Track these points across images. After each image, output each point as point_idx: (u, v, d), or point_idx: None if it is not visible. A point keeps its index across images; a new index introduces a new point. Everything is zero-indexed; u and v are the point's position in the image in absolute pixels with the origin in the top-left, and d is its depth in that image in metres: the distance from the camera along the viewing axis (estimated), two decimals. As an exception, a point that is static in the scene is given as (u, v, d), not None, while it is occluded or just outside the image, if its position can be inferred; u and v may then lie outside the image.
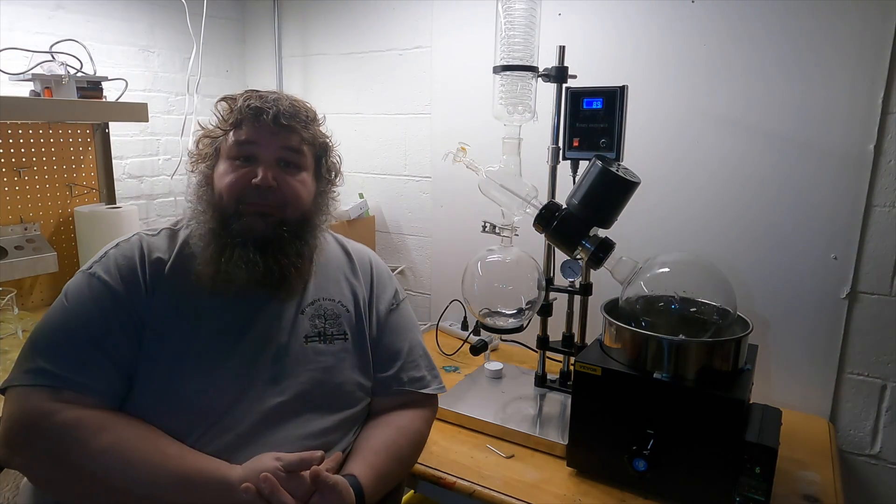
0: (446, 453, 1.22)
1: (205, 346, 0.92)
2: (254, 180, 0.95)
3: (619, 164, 1.20)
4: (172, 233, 1.02)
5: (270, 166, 0.96)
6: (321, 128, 1.05)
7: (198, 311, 0.94)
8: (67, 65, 1.57)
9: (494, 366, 1.54)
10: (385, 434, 1.02)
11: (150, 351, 0.90)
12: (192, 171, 1.02)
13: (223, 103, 1.00)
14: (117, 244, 0.97)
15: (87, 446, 0.81)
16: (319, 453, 0.87)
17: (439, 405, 1.33)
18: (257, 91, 0.99)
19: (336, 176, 1.08)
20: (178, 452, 0.84)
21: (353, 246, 1.16)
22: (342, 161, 1.10)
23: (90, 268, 0.94)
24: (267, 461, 0.84)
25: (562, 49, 1.29)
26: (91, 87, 1.61)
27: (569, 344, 1.40)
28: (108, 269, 0.93)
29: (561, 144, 1.31)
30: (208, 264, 0.94)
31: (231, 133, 0.97)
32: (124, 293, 0.91)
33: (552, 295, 1.39)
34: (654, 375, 1.05)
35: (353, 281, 1.09)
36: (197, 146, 1.01)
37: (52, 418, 0.82)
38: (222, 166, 0.97)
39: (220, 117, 0.99)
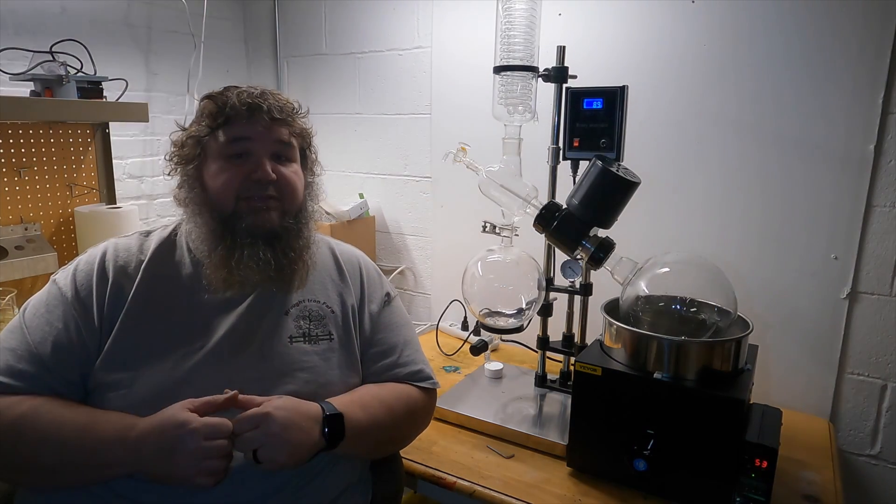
0: (446, 453, 1.22)
1: (181, 345, 0.92)
2: (253, 174, 0.95)
3: (619, 164, 1.20)
4: (146, 234, 1.02)
5: (267, 159, 0.96)
6: (304, 119, 1.05)
7: (175, 311, 0.94)
8: (67, 65, 1.57)
9: (494, 366, 1.54)
10: (371, 387, 1.03)
11: (118, 354, 0.89)
12: (171, 174, 1.00)
13: (209, 102, 0.98)
14: (87, 252, 0.98)
15: (6, 419, 0.82)
16: (233, 393, 0.85)
17: (440, 405, 1.34)
18: (238, 87, 0.98)
19: (315, 165, 1.09)
20: (89, 409, 0.86)
21: (341, 248, 1.16)
22: (318, 153, 1.11)
23: (55, 274, 0.96)
24: (178, 410, 0.82)
25: (562, 49, 1.29)
26: (91, 87, 1.61)
27: (569, 344, 1.40)
28: (67, 277, 0.94)
29: (561, 144, 1.31)
30: (219, 267, 0.94)
31: (221, 131, 0.96)
32: (73, 302, 0.92)
33: (552, 295, 1.39)
34: (655, 375, 1.05)
35: (339, 284, 1.09)
36: (181, 148, 0.99)
37: None
38: (215, 165, 0.96)
39: (209, 115, 0.97)
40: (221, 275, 0.94)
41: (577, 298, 1.36)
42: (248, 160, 0.96)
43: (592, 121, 1.26)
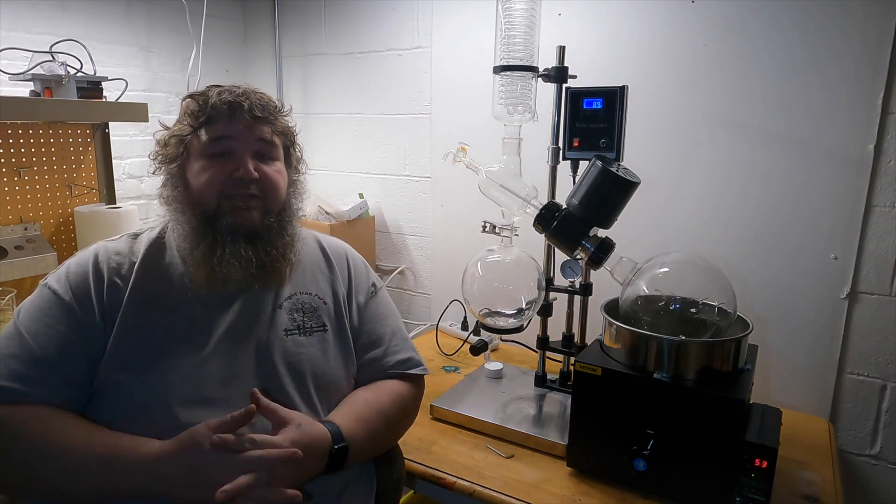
0: (446, 453, 1.22)
1: (181, 344, 0.92)
2: (235, 173, 0.95)
3: (619, 164, 1.20)
4: (135, 236, 1.02)
5: (249, 158, 0.96)
6: (287, 118, 1.05)
7: (172, 310, 0.94)
8: (67, 65, 1.57)
9: (494, 366, 1.54)
10: (366, 393, 1.04)
11: (119, 356, 0.89)
12: (156, 173, 1.00)
13: (191, 101, 0.98)
14: (76, 255, 0.97)
15: (18, 438, 0.82)
16: (250, 407, 0.85)
17: (440, 405, 1.35)
18: (220, 86, 0.98)
19: (300, 164, 1.08)
20: (106, 435, 0.84)
21: (328, 241, 1.17)
22: (303, 151, 1.10)
23: (45, 279, 0.95)
24: (199, 429, 0.82)
25: (562, 49, 1.29)
26: (91, 87, 1.61)
27: (569, 344, 1.40)
28: (60, 280, 0.93)
29: (561, 144, 1.31)
30: (201, 265, 0.94)
31: (203, 130, 0.96)
32: (72, 303, 0.91)
33: (552, 295, 1.39)
34: (654, 375, 1.05)
35: (329, 275, 1.10)
36: (164, 147, 0.99)
37: None
38: (197, 164, 0.96)
39: (190, 115, 0.97)
40: (203, 272, 0.94)
41: (577, 298, 1.36)
42: (230, 159, 0.96)
43: (592, 121, 1.26)
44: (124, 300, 0.93)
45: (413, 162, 2.00)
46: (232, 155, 0.96)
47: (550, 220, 1.15)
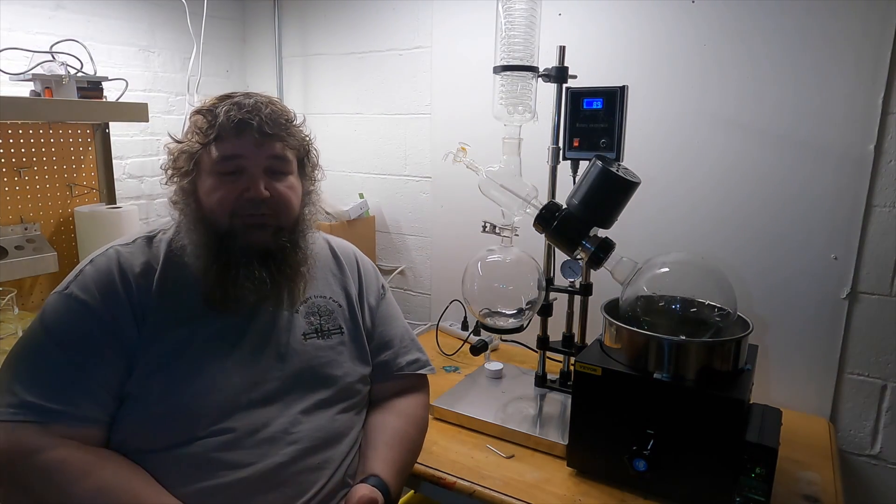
0: (446, 453, 1.22)
1: (205, 351, 0.92)
2: (246, 193, 0.93)
3: (619, 164, 1.20)
4: (148, 241, 0.98)
5: (260, 177, 0.94)
6: (301, 128, 1.02)
7: (194, 316, 0.93)
8: (67, 65, 1.57)
9: (494, 366, 1.54)
10: (395, 424, 1.06)
11: (147, 363, 0.89)
12: (168, 184, 0.97)
13: (199, 117, 0.95)
14: (92, 260, 0.94)
15: (68, 492, 0.80)
16: None
17: (440, 405, 1.35)
18: (232, 98, 0.95)
19: (315, 170, 1.07)
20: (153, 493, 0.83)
21: (337, 242, 1.17)
22: (319, 156, 1.08)
23: (66, 288, 0.91)
24: None
25: (562, 49, 1.29)
26: (91, 87, 1.61)
27: (569, 344, 1.40)
28: (86, 288, 0.90)
29: (561, 144, 1.31)
30: (215, 286, 0.93)
31: (213, 147, 0.92)
32: (104, 311, 0.89)
33: (552, 295, 1.39)
34: (655, 375, 1.05)
35: (340, 277, 1.12)
36: (175, 160, 0.96)
37: (39, 457, 0.80)
38: (209, 182, 0.94)
39: (200, 131, 0.94)
40: (218, 294, 0.93)
41: (577, 298, 1.36)
42: (241, 177, 0.93)
43: (592, 121, 1.26)
44: (151, 306, 0.91)
45: (413, 162, 2.00)
46: (243, 173, 0.94)
47: (550, 220, 1.15)
